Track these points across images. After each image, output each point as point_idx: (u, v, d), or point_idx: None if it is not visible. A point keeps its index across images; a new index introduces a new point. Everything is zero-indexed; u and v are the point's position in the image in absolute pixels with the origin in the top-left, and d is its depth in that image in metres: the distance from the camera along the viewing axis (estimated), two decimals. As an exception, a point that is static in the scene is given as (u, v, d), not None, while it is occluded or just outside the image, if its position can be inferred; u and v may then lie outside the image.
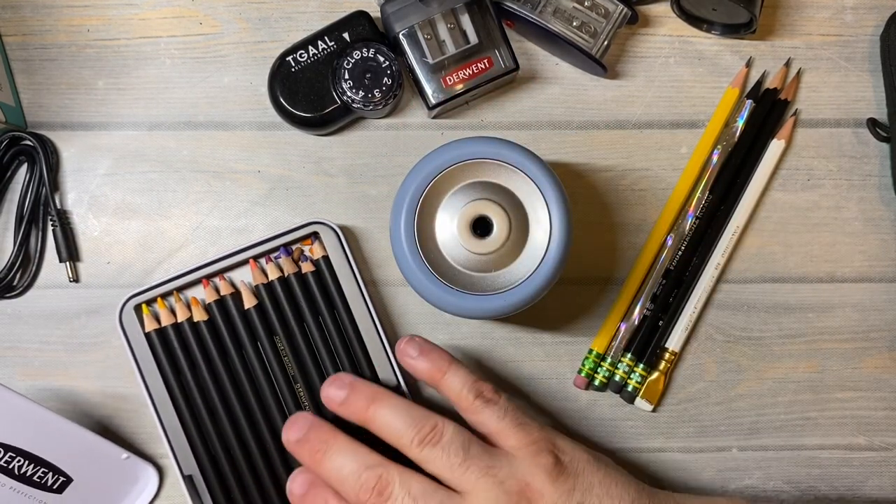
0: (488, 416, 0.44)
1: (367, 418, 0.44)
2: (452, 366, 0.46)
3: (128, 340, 0.50)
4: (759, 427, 0.53)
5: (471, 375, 0.45)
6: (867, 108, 0.54)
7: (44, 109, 0.53)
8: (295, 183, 0.53)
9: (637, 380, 0.52)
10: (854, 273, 0.54)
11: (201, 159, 0.53)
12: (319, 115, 0.51)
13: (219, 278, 0.51)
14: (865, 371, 0.53)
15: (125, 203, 0.53)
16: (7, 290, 0.52)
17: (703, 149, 0.53)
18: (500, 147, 0.45)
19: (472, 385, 0.45)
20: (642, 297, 0.53)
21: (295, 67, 0.51)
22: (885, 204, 0.54)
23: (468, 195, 0.45)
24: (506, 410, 0.45)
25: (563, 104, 0.54)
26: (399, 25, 0.50)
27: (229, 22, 0.53)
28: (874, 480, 0.53)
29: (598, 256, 0.53)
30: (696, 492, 0.53)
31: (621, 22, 0.51)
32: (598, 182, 0.54)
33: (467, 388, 0.45)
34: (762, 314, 0.53)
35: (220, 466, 0.50)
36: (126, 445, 0.51)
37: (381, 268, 0.53)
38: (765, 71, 0.54)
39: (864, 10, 0.54)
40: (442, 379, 0.45)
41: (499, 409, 0.44)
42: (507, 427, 0.44)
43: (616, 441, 0.53)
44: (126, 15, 0.53)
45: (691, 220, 0.53)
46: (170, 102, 0.53)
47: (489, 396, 0.45)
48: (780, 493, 0.53)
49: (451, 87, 0.50)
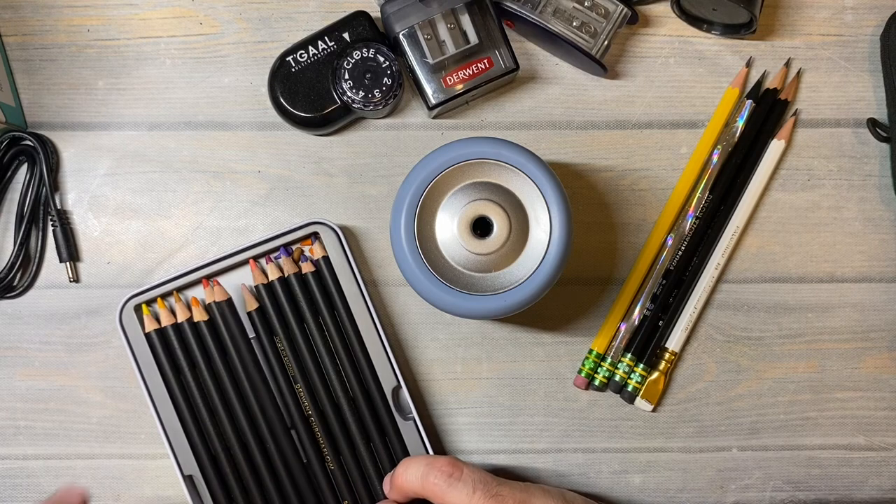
0: (457, 495, 0.44)
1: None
2: (401, 467, 0.46)
3: (128, 340, 0.50)
4: (759, 427, 0.53)
5: (423, 459, 0.46)
6: (867, 108, 0.54)
7: (44, 109, 0.53)
8: (295, 183, 0.53)
9: (637, 380, 0.52)
10: (854, 273, 0.54)
11: (201, 159, 0.53)
12: (319, 115, 0.51)
13: (213, 283, 0.51)
14: (865, 371, 0.53)
15: (125, 203, 0.53)
16: (7, 291, 0.52)
17: (703, 149, 0.53)
18: (501, 147, 0.45)
19: (427, 468, 0.45)
20: (642, 297, 0.53)
21: (295, 67, 0.51)
22: (885, 204, 0.54)
23: (468, 195, 0.45)
24: (474, 484, 0.44)
25: (563, 104, 0.54)
26: (399, 25, 0.50)
27: (229, 22, 0.53)
28: (874, 480, 0.53)
29: (598, 256, 0.53)
30: (696, 491, 0.53)
31: (621, 22, 0.51)
32: (598, 182, 0.54)
33: (423, 472, 0.45)
34: (762, 314, 0.53)
35: (220, 466, 0.50)
36: (126, 445, 0.51)
37: (381, 268, 0.53)
38: (765, 71, 0.54)
39: (864, 10, 0.54)
40: (402, 482, 0.46)
41: (465, 485, 0.44)
42: (479, 501, 0.44)
43: (616, 441, 0.53)
44: (126, 15, 0.53)
45: (691, 221, 0.53)
46: (170, 102, 0.53)
47: (449, 471, 0.45)
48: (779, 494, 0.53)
49: (452, 87, 0.50)
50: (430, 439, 0.50)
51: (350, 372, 0.51)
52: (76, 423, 0.52)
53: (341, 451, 0.51)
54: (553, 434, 0.53)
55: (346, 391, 0.51)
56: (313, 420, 0.51)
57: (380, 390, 0.51)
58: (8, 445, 0.52)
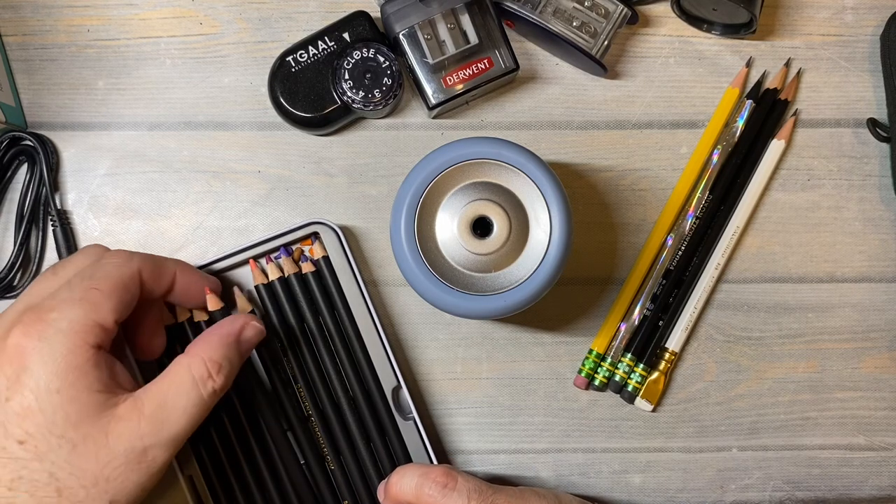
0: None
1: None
2: (395, 476, 0.46)
3: (128, 340, 0.50)
4: (759, 427, 0.53)
5: (418, 469, 0.46)
6: (867, 108, 0.54)
7: (44, 109, 0.53)
8: (295, 183, 0.53)
9: (637, 380, 0.52)
10: (854, 273, 0.54)
11: (201, 159, 0.53)
12: (319, 115, 0.51)
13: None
14: (865, 371, 0.53)
15: (125, 203, 0.53)
16: (7, 291, 0.52)
17: (703, 149, 0.53)
18: (501, 147, 0.45)
19: (421, 478, 0.45)
20: (642, 298, 0.53)
21: (295, 67, 0.51)
22: (885, 204, 0.54)
23: (468, 195, 0.45)
24: (469, 493, 0.44)
25: (563, 104, 0.54)
26: (399, 25, 0.50)
27: (229, 22, 0.53)
28: (874, 480, 0.53)
29: (598, 256, 0.53)
30: (696, 491, 0.53)
31: (621, 22, 0.51)
32: (598, 182, 0.54)
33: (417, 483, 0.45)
34: (762, 314, 0.53)
35: (221, 466, 0.50)
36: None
37: (381, 268, 0.53)
38: (765, 71, 0.54)
39: (864, 10, 0.54)
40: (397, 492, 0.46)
41: (460, 495, 0.44)
42: None
43: (616, 441, 0.53)
44: (126, 15, 0.53)
45: (691, 221, 0.53)
46: (170, 102, 0.53)
47: (444, 481, 0.45)
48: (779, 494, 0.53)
49: (452, 87, 0.50)
50: (430, 439, 0.50)
51: (350, 372, 0.51)
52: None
53: (341, 451, 0.51)
54: (553, 434, 0.53)
55: (346, 391, 0.51)
56: (313, 420, 0.51)
57: (380, 390, 0.51)
58: (8, 445, 0.52)
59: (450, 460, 0.53)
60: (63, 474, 0.38)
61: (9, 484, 0.38)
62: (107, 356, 0.41)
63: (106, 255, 0.44)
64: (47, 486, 0.38)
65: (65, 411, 0.38)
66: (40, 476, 0.38)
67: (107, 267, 0.42)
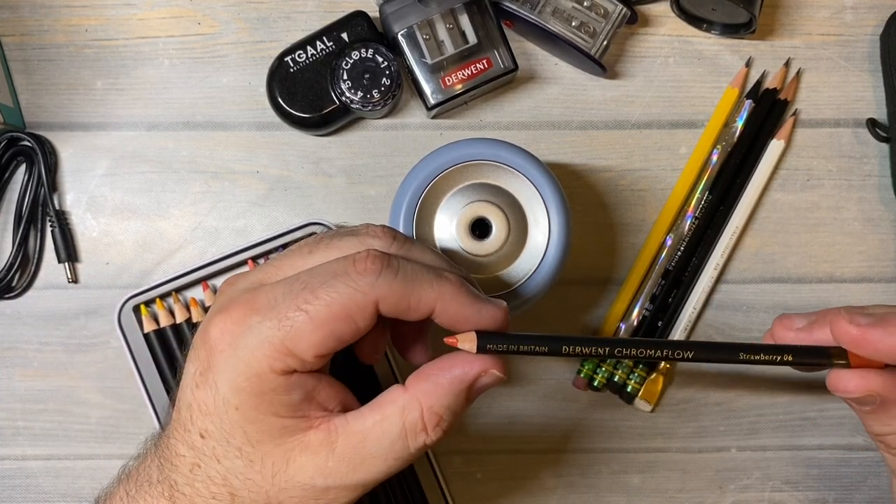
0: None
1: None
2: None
3: (126, 341, 0.50)
4: (758, 427, 0.53)
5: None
6: (867, 108, 0.54)
7: (42, 110, 0.53)
8: (294, 183, 0.53)
9: (636, 380, 0.52)
10: (853, 273, 0.54)
11: (200, 160, 0.53)
12: (318, 116, 0.51)
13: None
14: (864, 371, 0.53)
15: (124, 203, 0.53)
16: (6, 291, 0.52)
17: (703, 149, 0.53)
18: (499, 149, 0.45)
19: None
20: (641, 298, 0.53)
21: (293, 68, 0.51)
22: (884, 204, 0.54)
23: (467, 197, 0.45)
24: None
25: (562, 104, 0.54)
26: (398, 26, 0.50)
27: (228, 22, 0.53)
28: (872, 480, 0.53)
29: (597, 256, 0.53)
30: (695, 492, 0.53)
31: (621, 22, 0.51)
32: (597, 182, 0.53)
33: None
34: (762, 314, 0.53)
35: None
36: (125, 446, 0.51)
37: (380, 268, 0.53)
38: (764, 71, 0.54)
39: (864, 10, 0.54)
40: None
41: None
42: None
43: (616, 441, 0.53)
44: (124, 15, 0.53)
45: (690, 221, 0.53)
46: (168, 103, 0.53)
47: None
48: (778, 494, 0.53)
49: (450, 87, 0.50)
50: (429, 440, 0.50)
51: (349, 372, 0.51)
52: (75, 423, 0.52)
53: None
54: (553, 434, 0.53)
55: (345, 392, 0.51)
56: (312, 421, 0.51)
57: (379, 391, 0.51)
58: (7, 446, 0.52)
59: (450, 460, 0.53)
60: (237, 483, 0.35)
61: (190, 467, 0.36)
62: (302, 378, 0.35)
63: (356, 265, 0.35)
64: (222, 487, 0.36)
65: (243, 429, 0.35)
66: (215, 474, 0.36)
67: (338, 285, 0.34)
